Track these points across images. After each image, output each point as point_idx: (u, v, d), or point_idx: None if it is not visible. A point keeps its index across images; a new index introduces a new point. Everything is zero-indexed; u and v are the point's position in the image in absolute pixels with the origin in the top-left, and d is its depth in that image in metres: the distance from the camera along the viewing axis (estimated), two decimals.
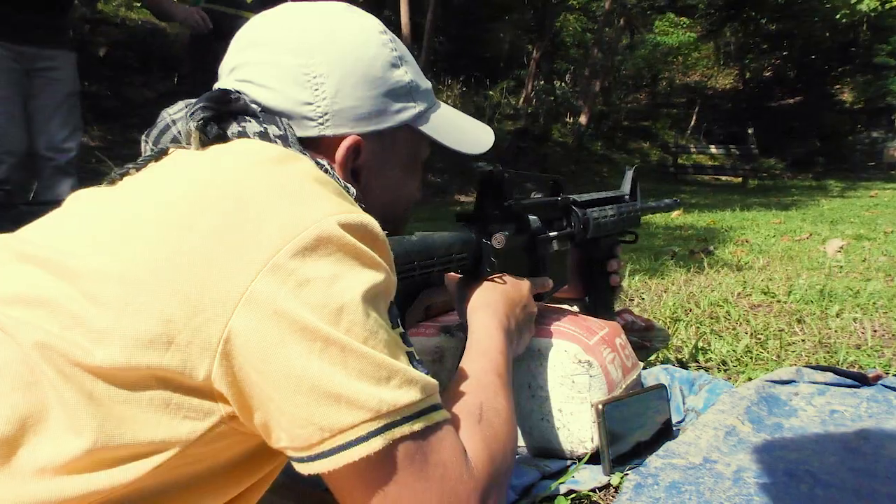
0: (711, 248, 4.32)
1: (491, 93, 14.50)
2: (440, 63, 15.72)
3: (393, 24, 14.44)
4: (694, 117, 18.93)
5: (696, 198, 10.80)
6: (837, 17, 15.72)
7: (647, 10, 19.47)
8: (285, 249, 0.63)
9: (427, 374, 0.71)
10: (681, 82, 21.68)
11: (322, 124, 0.85)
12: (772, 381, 1.50)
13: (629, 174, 1.57)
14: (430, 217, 6.35)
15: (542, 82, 16.15)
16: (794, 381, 1.52)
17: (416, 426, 0.66)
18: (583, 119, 14.54)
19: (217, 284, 0.62)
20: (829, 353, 1.94)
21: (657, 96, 20.92)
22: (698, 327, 2.22)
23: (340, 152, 0.86)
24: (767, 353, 1.94)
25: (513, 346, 1.03)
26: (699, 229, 5.82)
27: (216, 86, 0.88)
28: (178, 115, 0.84)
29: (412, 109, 0.92)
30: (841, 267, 3.44)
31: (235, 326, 0.62)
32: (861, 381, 1.53)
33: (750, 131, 14.99)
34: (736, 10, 19.22)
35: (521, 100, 14.78)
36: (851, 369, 1.70)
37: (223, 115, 0.80)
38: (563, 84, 17.28)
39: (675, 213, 7.29)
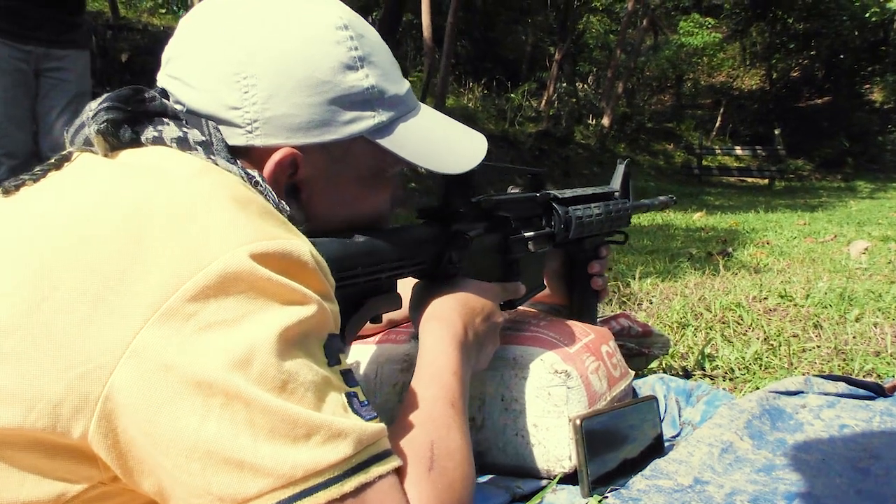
0: (730, 250, 4.18)
1: (512, 95, 14.39)
2: (462, 66, 15.67)
3: (415, 27, 14.41)
4: (719, 118, 18.66)
5: (721, 199, 10.62)
6: (867, 15, 15.45)
7: (671, 11, 19.26)
8: (182, 291, 0.54)
9: (371, 418, 0.61)
10: (706, 83, 21.38)
11: (250, 132, 0.74)
12: (777, 392, 1.38)
13: (620, 168, 1.45)
14: None
15: (564, 84, 16.00)
16: (802, 392, 1.40)
17: (348, 486, 0.56)
18: (605, 121, 14.38)
19: (97, 333, 0.53)
20: (845, 360, 1.81)
21: (682, 97, 20.65)
22: (707, 333, 2.10)
23: (269, 167, 0.75)
24: (779, 360, 1.82)
25: (471, 362, 0.91)
26: (720, 231, 5.66)
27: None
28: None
29: (368, 120, 0.79)
30: (865, 269, 3.29)
31: (117, 383, 0.53)
32: (877, 391, 1.40)
33: (777, 132, 14.74)
34: (762, 10, 18.94)
35: (543, 102, 14.64)
36: (867, 378, 1.58)
37: (138, 117, 0.70)
38: (585, 86, 17.13)
39: (696, 215, 7.14)
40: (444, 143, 0.88)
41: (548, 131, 13.07)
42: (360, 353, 1.24)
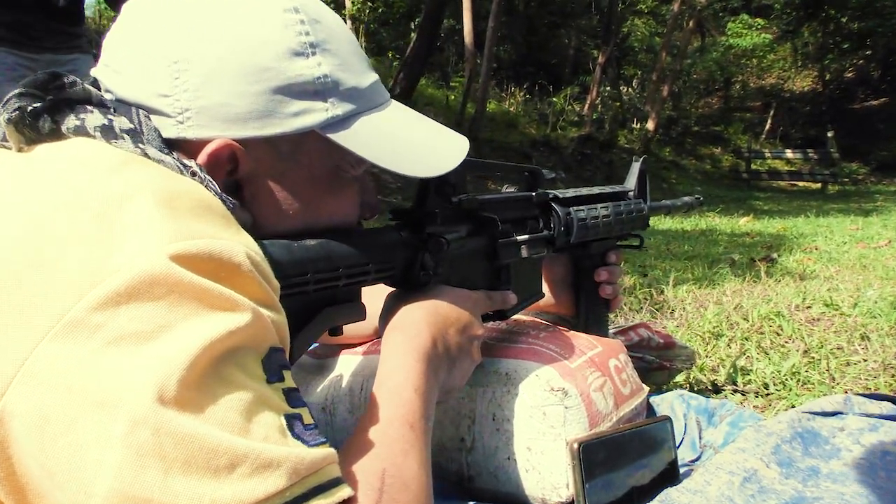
0: (775, 255, 3.98)
1: (555, 99, 14.22)
2: (504, 70, 15.57)
3: (456, 33, 14.35)
4: (769, 121, 18.18)
5: (770, 204, 10.29)
6: None
7: (718, 13, 18.87)
8: (88, 298, 0.46)
9: (318, 443, 0.53)
10: (755, 85, 20.88)
11: (181, 123, 0.65)
12: (812, 413, 1.23)
13: (635, 166, 1.31)
14: None
15: (608, 88, 15.77)
16: (840, 413, 1.25)
17: None
18: (650, 125, 14.10)
19: None
20: (893, 376, 1.65)
21: (730, 100, 20.21)
22: (742, 344, 1.95)
23: (202, 159, 0.66)
24: (819, 374, 1.67)
25: (439, 378, 0.80)
26: (767, 236, 5.43)
27: None
28: None
29: (320, 113, 0.70)
30: None
31: (10, 407, 0.46)
32: None
33: (830, 134, 14.27)
34: (814, 10, 18.40)
35: (587, 106, 14.43)
36: None
37: (58, 105, 0.63)
38: (630, 89, 16.86)
39: (742, 220, 6.90)
40: (413, 142, 0.78)
41: (591, 136, 12.85)
42: (345, 365, 1.14)
